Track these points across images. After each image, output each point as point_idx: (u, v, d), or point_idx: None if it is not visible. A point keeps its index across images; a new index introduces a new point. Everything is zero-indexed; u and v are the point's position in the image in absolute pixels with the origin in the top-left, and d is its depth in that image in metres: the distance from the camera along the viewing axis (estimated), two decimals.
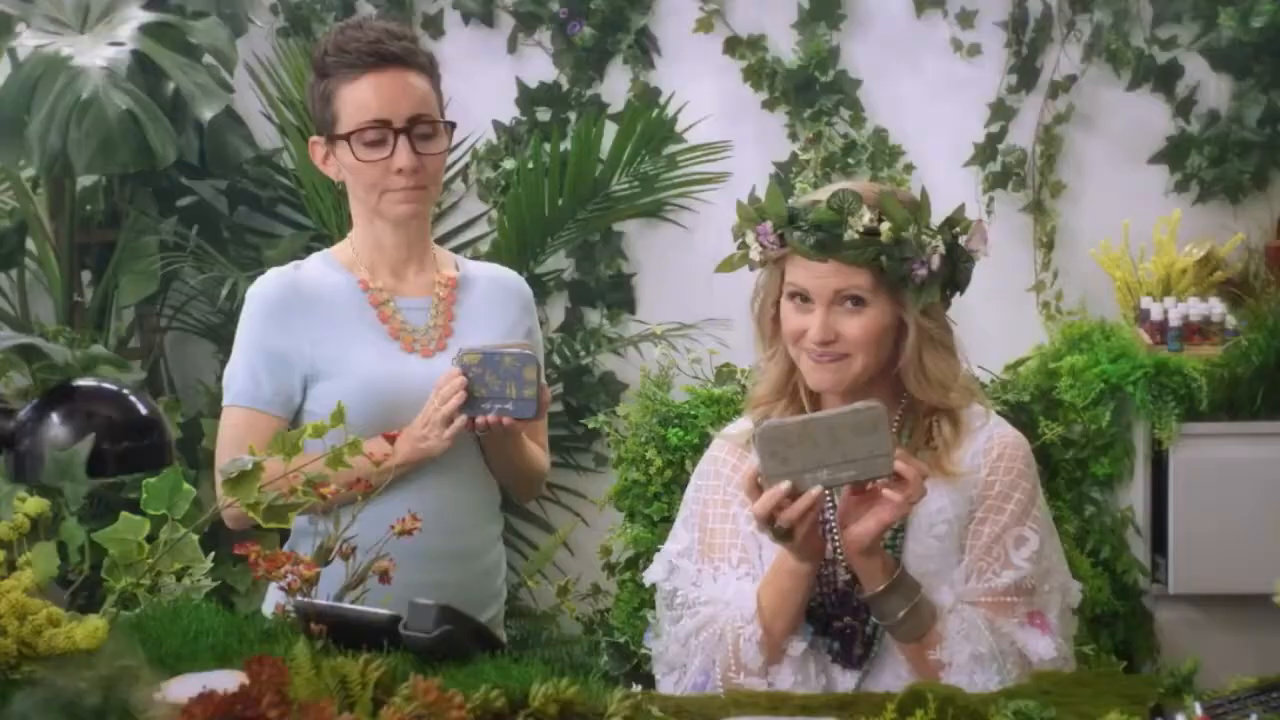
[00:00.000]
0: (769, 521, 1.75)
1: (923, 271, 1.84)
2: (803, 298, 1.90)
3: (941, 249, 1.85)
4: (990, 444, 1.93)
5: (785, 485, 1.72)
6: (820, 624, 1.90)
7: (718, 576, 1.95)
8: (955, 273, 1.90)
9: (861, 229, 1.83)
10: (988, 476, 1.91)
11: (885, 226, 1.83)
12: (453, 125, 2.16)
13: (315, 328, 2.10)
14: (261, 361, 2.11)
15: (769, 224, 1.90)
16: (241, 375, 2.12)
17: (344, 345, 2.10)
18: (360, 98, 2.07)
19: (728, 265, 2.00)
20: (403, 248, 2.17)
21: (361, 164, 2.08)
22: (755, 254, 1.92)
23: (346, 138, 2.07)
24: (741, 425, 2.06)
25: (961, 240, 1.88)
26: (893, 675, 1.87)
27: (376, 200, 2.11)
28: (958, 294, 1.95)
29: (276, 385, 2.10)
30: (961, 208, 1.90)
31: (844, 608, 1.89)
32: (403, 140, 2.06)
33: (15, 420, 1.38)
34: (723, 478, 2.00)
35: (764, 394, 1.99)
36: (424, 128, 2.09)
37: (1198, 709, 1.40)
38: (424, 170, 2.09)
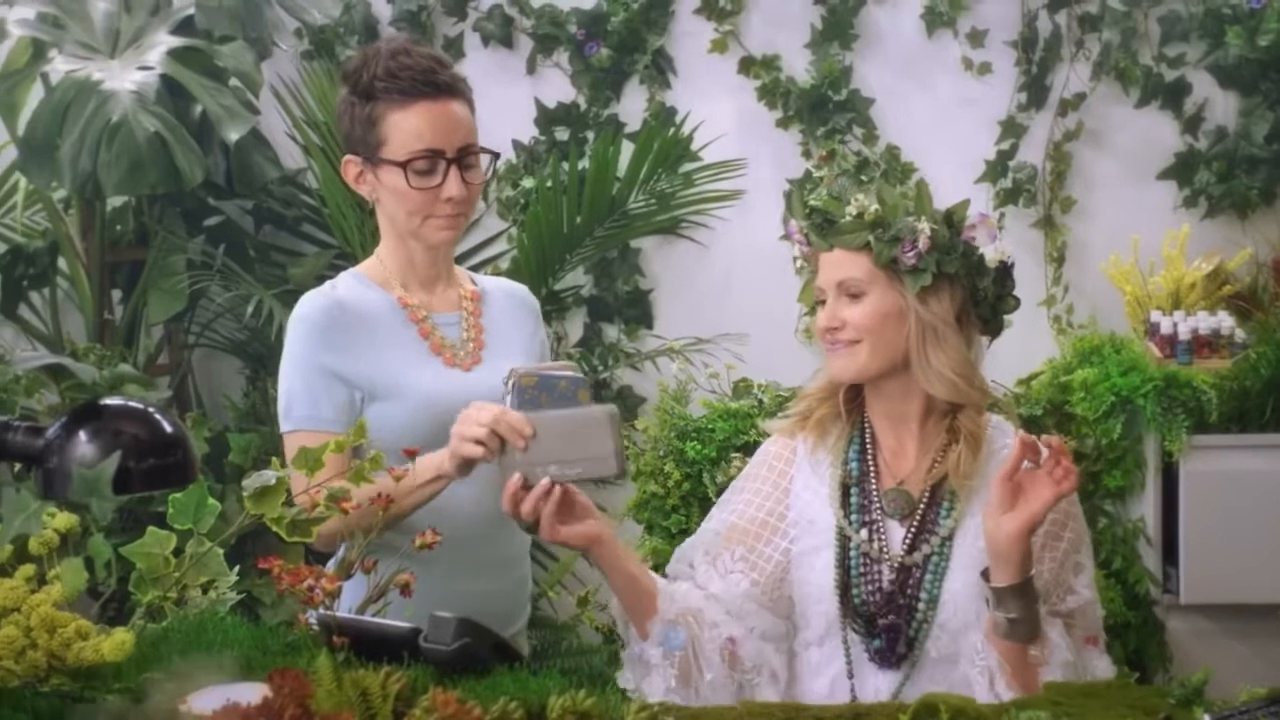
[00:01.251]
0: (515, 511, 1.82)
1: (911, 253, 1.90)
2: (820, 296, 1.98)
3: (928, 231, 1.88)
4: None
5: (517, 477, 1.82)
6: (865, 622, 1.90)
7: (715, 565, 1.96)
8: (955, 266, 1.91)
9: (855, 212, 1.90)
10: None
11: (873, 208, 1.88)
12: (496, 155, 2.17)
13: (365, 346, 2.07)
14: (318, 383, 2.06)
15: (794, 223, 2.02)
16: (300, 399, 2.07)
17: (396, 364, 2.08)
18: (414, 126, 2.05)
19: (806, 296, 2.08)
20: (433, 266, 2.17)
21: (412, 191, 2.07)
22: (796, 252, 2.03)
23: (403, 165, 2.05)
24: (780, 421, 2.09)
25: (962, 223, 1.94)
26: (929, 678, 1.88)
27: (419, 225, 2.10)
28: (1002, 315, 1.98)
29: (336, 404, 2.06)
30: (965, 203, 1.94)
31: (889, 606, 1.90)
32: (454, 170, 2.06)
33: (44, 438, 1.38)
34: (763, 468, 2.02)
35: (813, 389, 2.04)
36: (471, 159, 2.10)
37: None
38: (469, 200, 2.11)
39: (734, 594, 1.94)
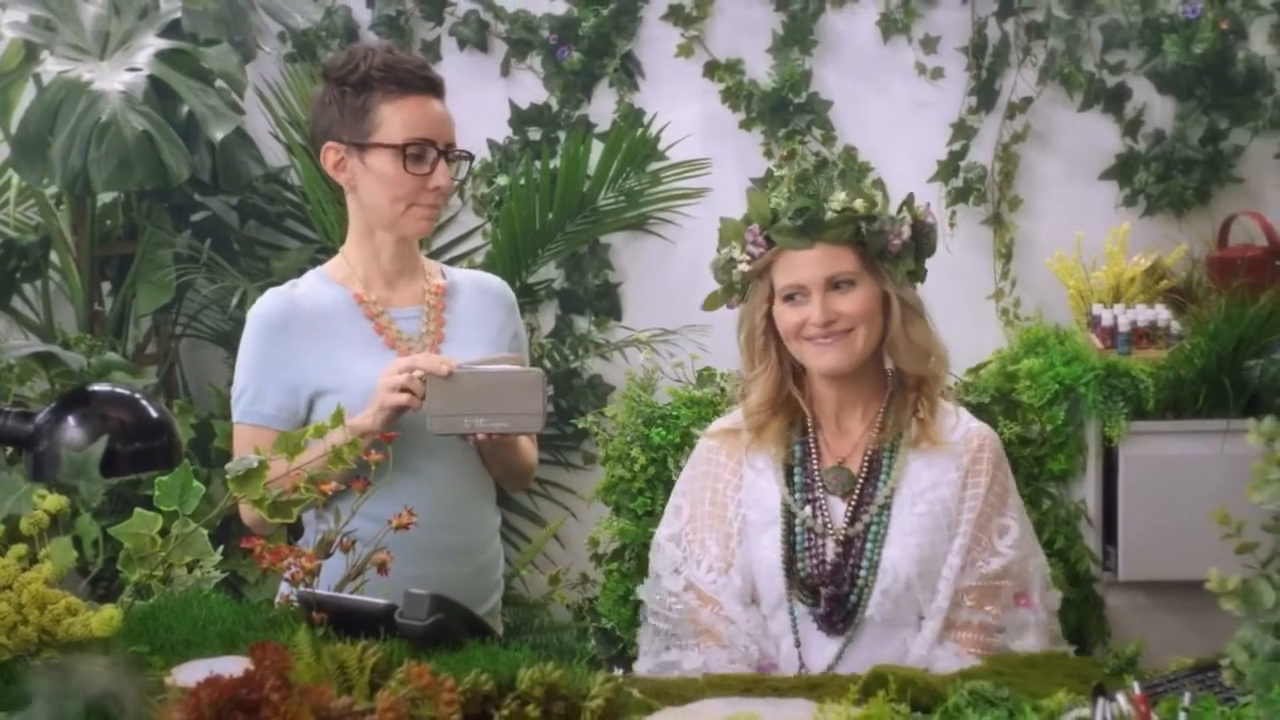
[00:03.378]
0: None
1: (897, 242, 1.94)
2: (796, 294, 1.94)
3: (909, 219, 1.92)
4: (969, 435, 1.99)
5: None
6: (809, 592, 1.93)
7: (700, 562, 1.98)
8: (920, 246, 1.97)
9: (839, 207, 1.90)
10: (971, 465, 1.96)
11: (859, 203, 1.91)
12: (471, 157, 2.22)
13: (314, 344, 2.09)
14: (264, 379, 2.09)
15: (756, 226, 1.96)
16: (246, 393, 2.11)
17: (343, 359, 2.09)
18: (410, 116, 2.08)
19: (712, 303, 2.07)
20: (397, 260, 2.17)
21: (405, 175, 2.07)
22: (743, 265, 1.97)
23: (401, 148, 2.06)
24: (723, 423, 2.09)
25: (921, 215, 2.00)
26: (871, 642, 1.92)
27: (401, 212, 2.10)
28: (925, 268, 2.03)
29: (279, 402, 2.09)
30: (911, 196, 1.99)
31: (832, 579, 1.92)
32: (442, 162, 2.09)
33: (34, 423, 1.38)
34: (711, 471, 2.03)
35: (758, 403, 2.02)
36: (455, 154, 2.13)
37: (1136, 688, 1.41)
38: (449, 193, 2.13)
39: (708, 580, 1.97)
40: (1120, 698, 1.36)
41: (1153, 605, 2.94)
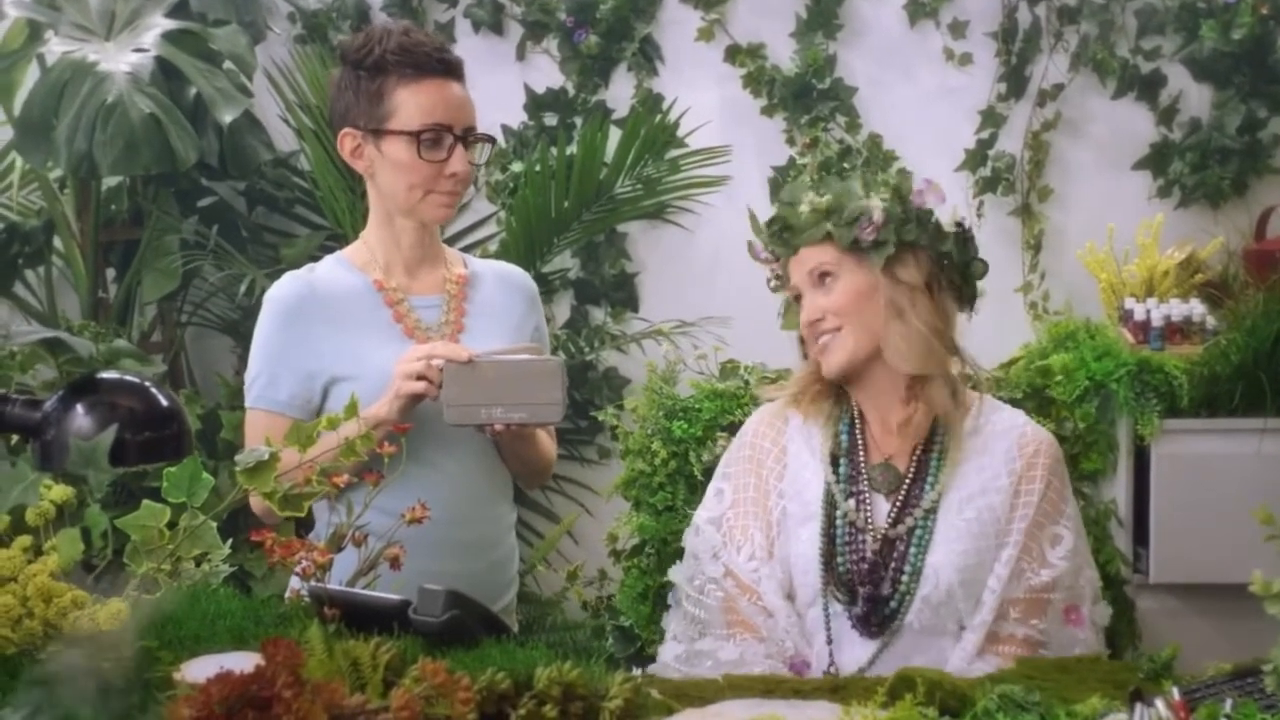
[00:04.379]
0: None
1: (869, 229, 1.92)
2: (799, 298, 1.97)
3: (881, 206, 1.91)
4: (1025, 440, 1.97)
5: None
6: (847, 591, 1.92)
7: (741, 549, 1.97)
8: (914, 234, 1.95)
9: (808, 209, 1.90)
10: (1025, 470, 1.94)
11: (825, 199, 1.91)
12: (493, 141, 2.19)
13: (331, 330, 2.09)
14: (279, 365, 2.09)
15: (758, 243, 2.05)
16: (260, 379, 2.10)
17: (361, 346, 2.08)
18: (426, 100, 2.07)
19: (789, 322, 2.09)
20: (419, 247, 2.17)
21: (420, 162, 2.07)
22: (772, 282, 2.07)
23: (416, 135, 2.06)
24: (772, 406, 2.09)
25: (913, 199, 1.97)
26: (908, 649, 1.90)
27: (419, 199, 2.10)
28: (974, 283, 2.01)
29: (293, 389, 2.08)
30: (908, 173, 1.99)
31: (871, 577, 1.91)
32: (459, 147, 2.08)
33: (41, 411, 1.38)
34: (755, 456, 2.03)
35: (803, 376, 2.06)
36: (473, 140, 2.12)
37: (1175, 694, 1.40)
38: (468, 179, 2.12)
39: (749, 569, 1.96)
40: (1159, 703, 1.35)
41: (1185, 609, 2.92)
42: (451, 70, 2.11)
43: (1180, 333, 3.01)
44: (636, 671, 1.58)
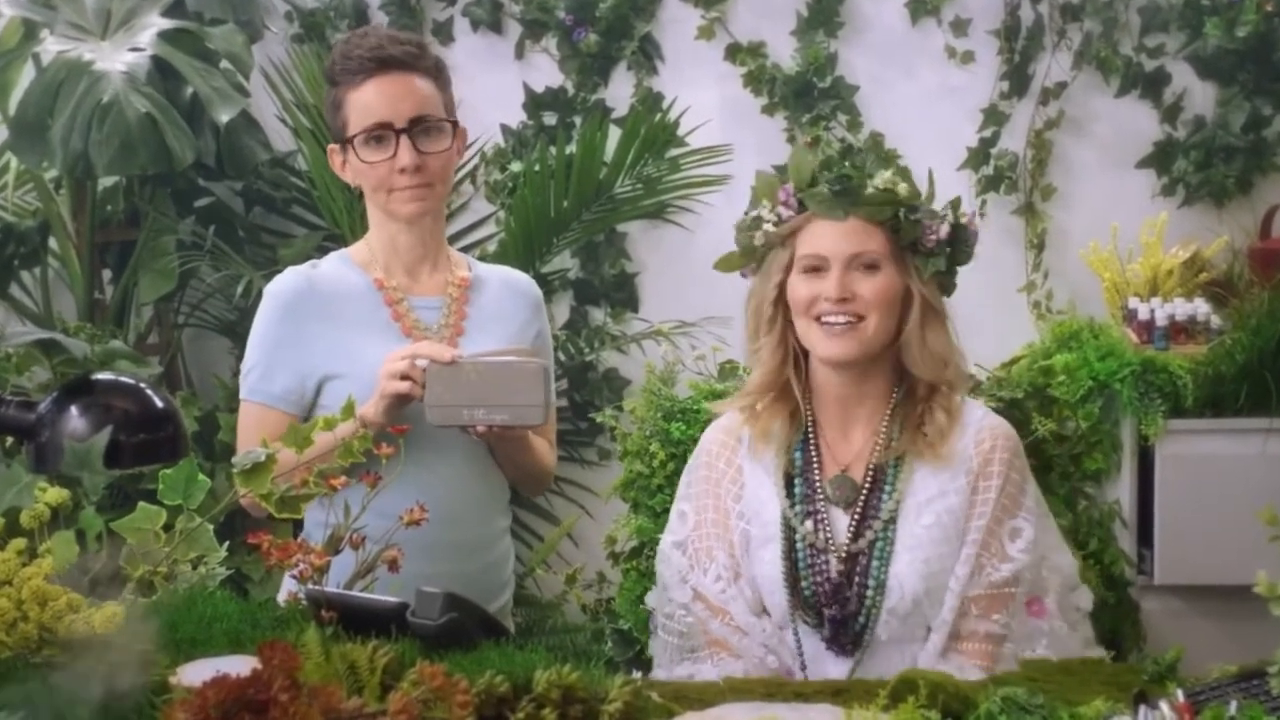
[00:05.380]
0: None
1: (933, 238, 1.92)
2: (816, 267, 1.91)
3: (951, 219, 1.90)
4: (981, 434, 1.94)
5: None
6: (814, 613, 1.90)
7: (708, 571, 1.96)
8: (956, 252, 1.94)
9: (882, 185, 1.88)
10: (982, 467, 1.92)
11: (903, 187, 1.88)
12: (455, 124, 2.15)
13: (329, 327, 2.10)
14: (275, 358, 2.11)
15: (790, 185, 1.93)
16: (255, 371, 2.12)
17: (357, 344, 2.09)
18: (364, 101, 2.08)
19: (728, 264, 2.03)
20: (417, 247, 2.17)
21: (367, 165, 2.09)
22: (769, 225, 1.94)
23: (353, 140, 2.08)
24: (723, 422, 2.06)
25: (964, 220, 1.96)
26: (880, 662, 1.88)
27: (385, 199, 2.12)
28: (956, 280, 1.99)
29: (288, 383, 2.10)
30: (958, 199, 1.96)
31: (835, 598, 1.89)
32: (404, 140, 2.07)
33: (36, 412, 1.38)
34: (712, 477, 2.01)
35: (755, 384, 1.99)
36: (426, 127, 2.09)
37: (1180, 696, 1.40)
38: (427, 168, 2.10)
39: (717, 590, 1.95)
40: (1163, 705, 1.35)
41: (1189, 610, 2.92)
42: (390, 64, 2.08)
43: (1184, 332, 3.01)
44: (636, 674, 1.57)
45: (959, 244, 1.95)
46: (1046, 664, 1.73)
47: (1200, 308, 3.04)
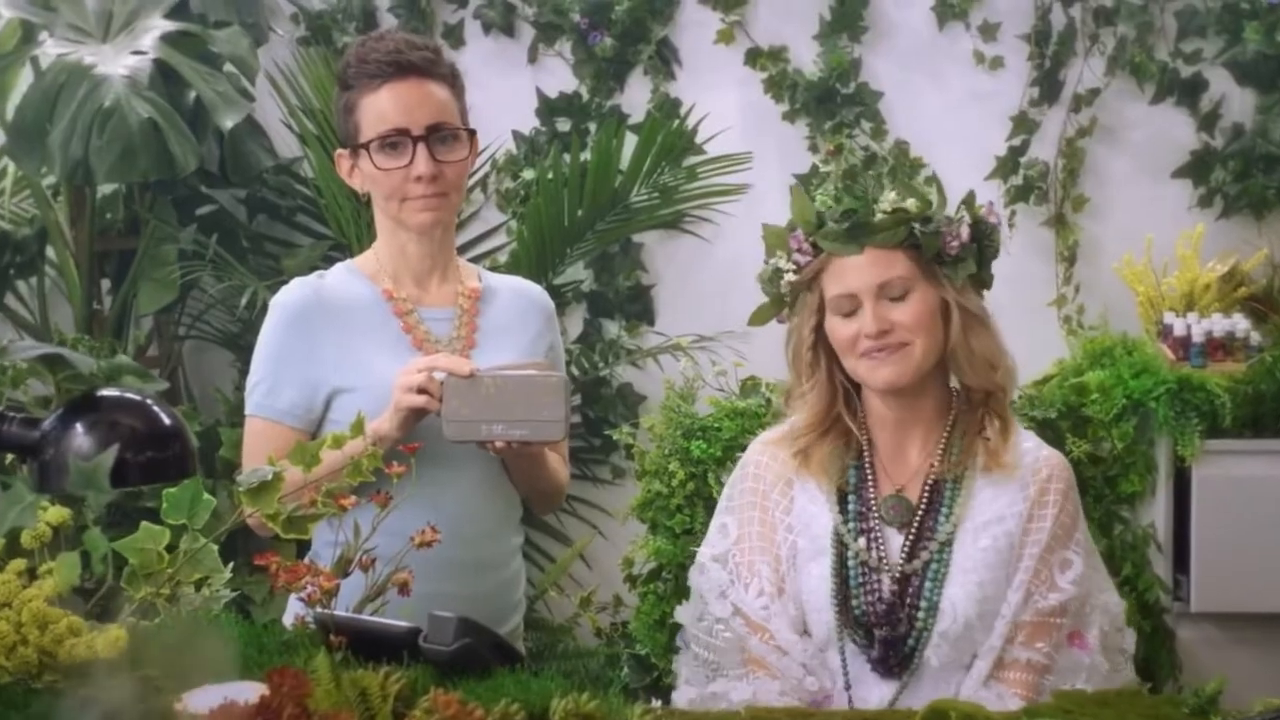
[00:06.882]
0: None
1: (955, 243, 1.92)
2: (848, 305, 1.93)
3: (968, 219, 1.91)
4: (1038, 464, 1.97)
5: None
6: (863, 632, 1.91)
7: (749, 586, 1.96)
8: (983, 249, 1.95)
9: (889, 208, 1.88)
10: (1039, 496, 1.94)
11: (911, 202, 1.89)
12: (473, 133, 2.17)
13: (337, 339, 2.10)
14: (282, 372, 2.11)
15: (800, 231, 1.94)
16: (261, 385, 2.12)
17: (366, 356, 2.09)
18: (380, 107, 2.09)
19: (760, 317, 2.06)
20: (426, 258, 2.18)
21: (381, 172, 2.09)
22: (790, 275, 1.96)
23: (366, 146, 2.09)
24: (773, 434, 2.07)
25: (981, 213, 1.96)
26: (929, 687, 1.89)
27: (397, 208, 2.12)
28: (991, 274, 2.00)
29: (295, 397, 2.10)
30: (971, 194, 1.97)
31: (889, 617, 1.90)
32: (421, 147, 2.08)
33: (40, 430, 1.38)
34: (760, 489, 2.02)
35: (805, 424, 2.01)
36: (443, 135, 2.11)
37: None
38: (443, 177, 2.11)
39: (758, 606, 1.95)
40: None
41: (1227, 639, 2.91)
42: (407, 69, 2.09)
43: (1222, 349, 3.00)
44: (655, 703, 1.57)
45: (984, 240, 1.96)
46: (1082, 695, 1.73)
47: (1239, 323, 3.04)
